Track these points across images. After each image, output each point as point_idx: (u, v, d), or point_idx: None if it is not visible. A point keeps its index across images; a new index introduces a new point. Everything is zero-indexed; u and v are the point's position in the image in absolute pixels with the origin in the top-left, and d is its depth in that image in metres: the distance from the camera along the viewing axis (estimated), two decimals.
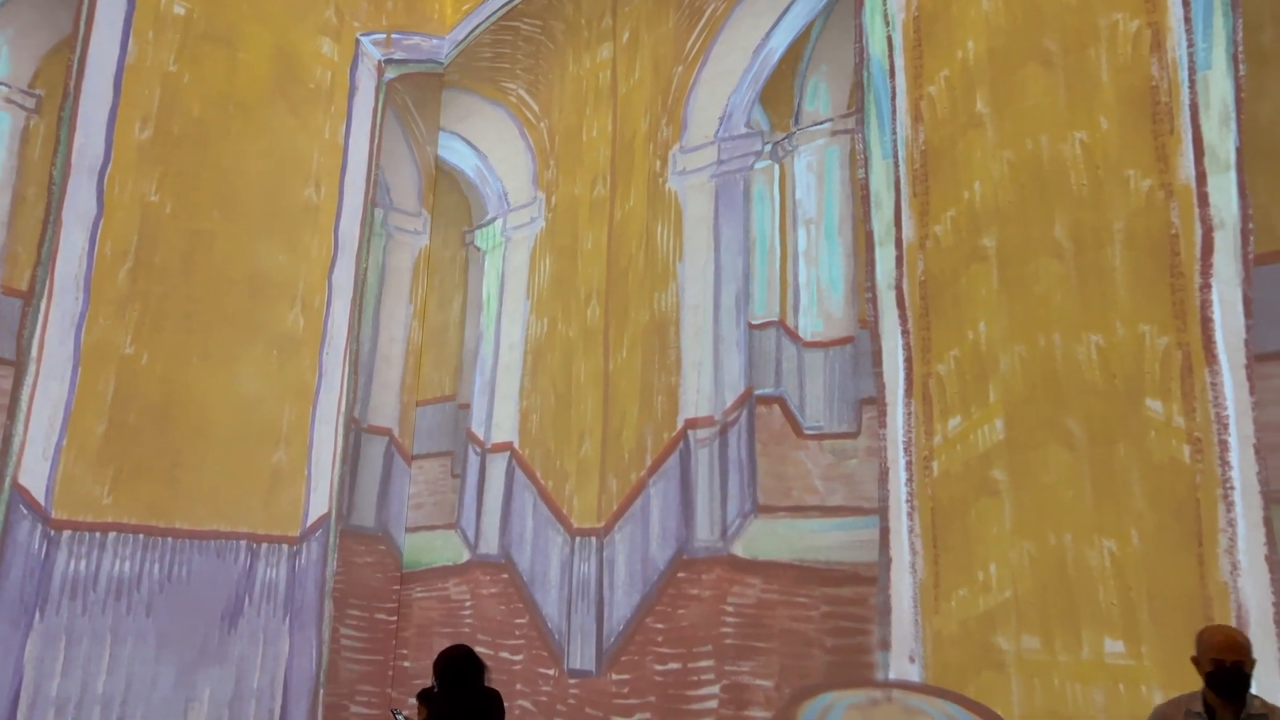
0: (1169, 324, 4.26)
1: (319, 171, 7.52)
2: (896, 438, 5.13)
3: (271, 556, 6.90)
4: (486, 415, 7.43)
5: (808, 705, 5.23)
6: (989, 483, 4.71)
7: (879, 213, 5.47)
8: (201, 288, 6.74)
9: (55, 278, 6.15)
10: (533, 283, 7.41)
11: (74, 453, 6.12)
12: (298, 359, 7.20)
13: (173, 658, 6.34)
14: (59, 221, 6.19)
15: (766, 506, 5.57)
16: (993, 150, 5.02)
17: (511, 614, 6.76)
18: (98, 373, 6.25)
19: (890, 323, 5.27)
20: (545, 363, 7.10)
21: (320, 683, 7.06)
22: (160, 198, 6.64)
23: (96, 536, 6.15)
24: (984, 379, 4.82)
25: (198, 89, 6.91)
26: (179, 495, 6.47)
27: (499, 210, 7.84)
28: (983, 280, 4.93)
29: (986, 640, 4.55)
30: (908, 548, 4.98)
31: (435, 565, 7.42)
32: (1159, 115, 4.48)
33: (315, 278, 7.39)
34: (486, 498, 7.24)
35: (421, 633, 7.29)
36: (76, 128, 6.37)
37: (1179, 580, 4.05)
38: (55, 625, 5.92)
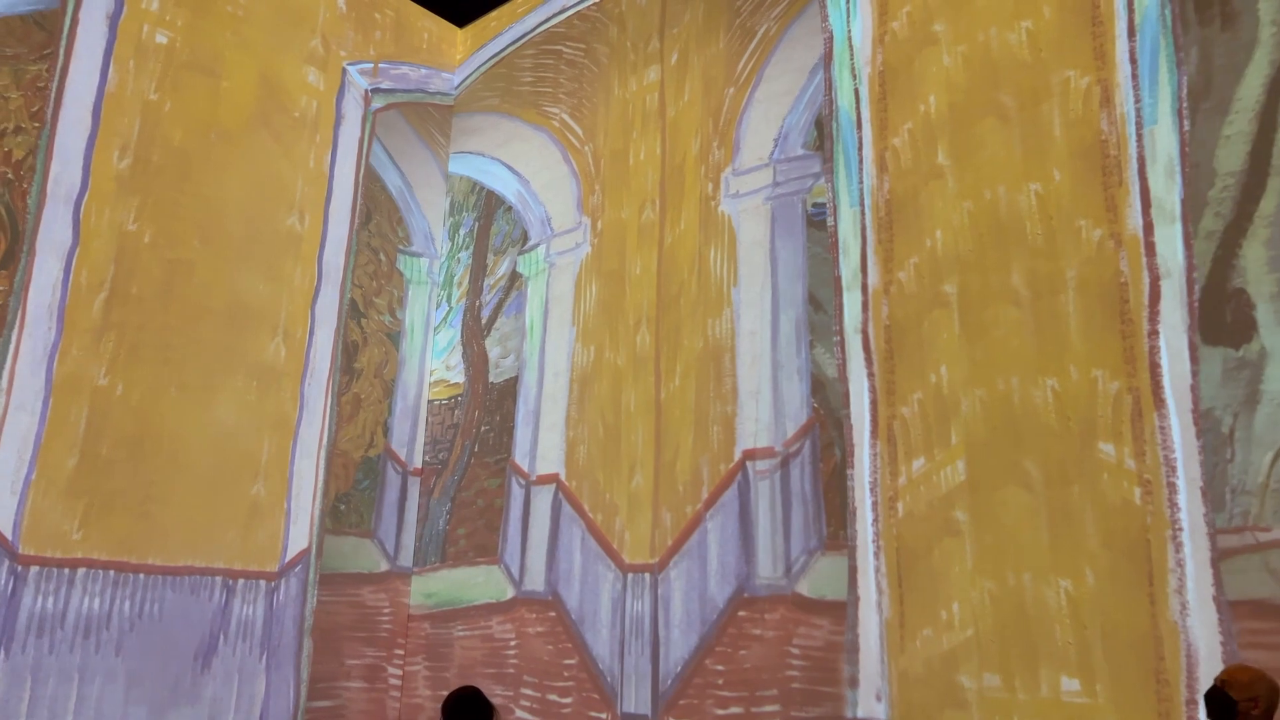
0: (1120, 369, 4.45)
1: (303, 200, 7.45)
2: (863, 478, 5.32)
3: (248, 593, 6.74)
4: (531, 446, 7.28)
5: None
6: (951, 523, 4.88)
7: (846, 259, 5.73)
8: (180, 317, 6.64)
9: (28, 307, 6.06)
10: (578, 309, 7.29)
11: (43, 486, 6.01)
12: (279, 390, 7.09)
13: (143, 697, 6.20)
14: (33, 251, 6.10)
15: (833, 543, 5.46)
16: (953, 200, 5.27)
17: (560, 654, 6.57)
18: (70, 404, 6.15)
19: (857, 366, 5.51)
20: (593, 391, 6.97)
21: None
22: (139, 226, 6.56)
23: (65, 573, 6.02)
24: (946, 421, 5.02)
25: (179, 117, 6.85)
26: (152, 530, 6.34)
27: (542, 236, 7.77)
28: (944, 325, 5.16)
29: (950, 678, 4.70)
30: (874, 586, 5.14)
31: (477, 603, 7.24)
32: (1109, 168, 4.72)
33: (298, 307, 7.29)
34: (531, 532, 7.08)
35: (464, 673, 7.10)
36: (53, 156, 6.30)
37: (1131, 619, 4.20)
38: (21, 664, 5.78)
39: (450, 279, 8.44)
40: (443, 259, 8.51)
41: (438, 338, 8.35)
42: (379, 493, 7.81)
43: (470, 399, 7.88)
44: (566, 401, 7.08)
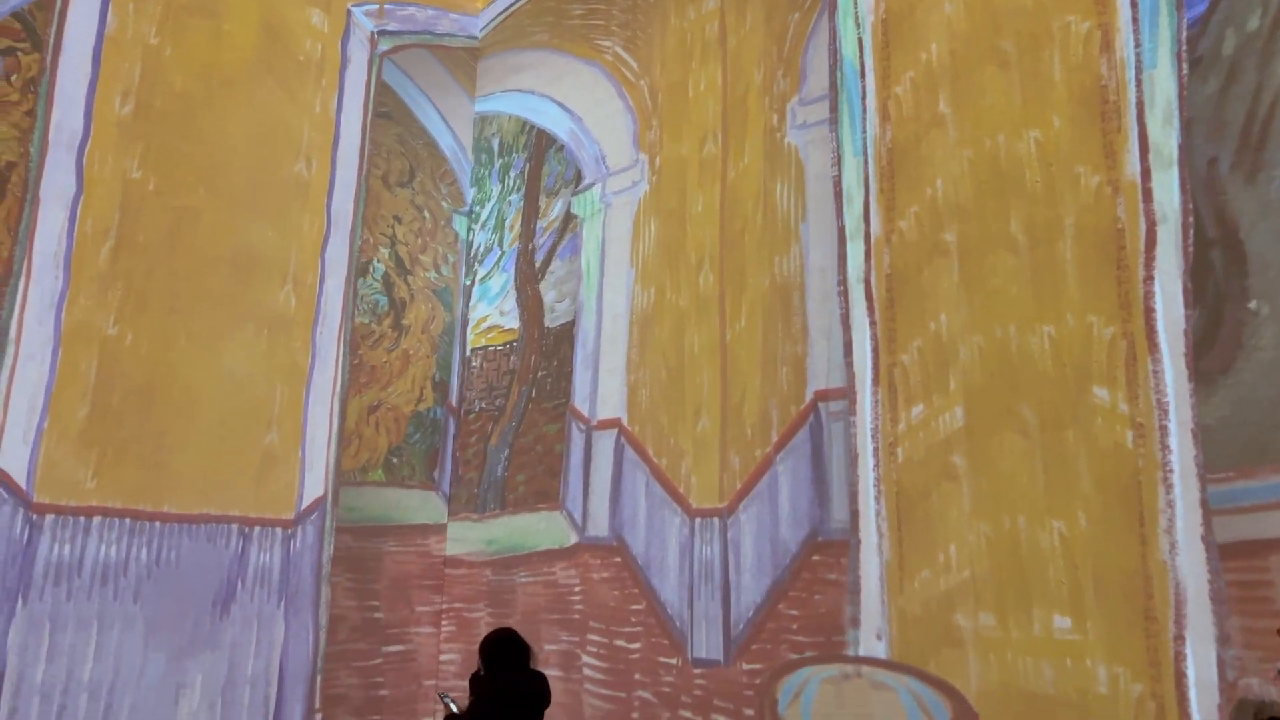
0: (1115, 315, 4.50)
1: (309, 147, 7.39)
2: (865, 425, 5.41)
3: (265, 540, 6.79)
4: (590, 390, 7.15)
5: (786, 680, 5.47)
6: (949, 468, 4.98)
7: (850, 208, 5.74)
8: (187, 266, 6.62)
9: (33, 257, 6.05)
10: (637, 250, 7.07)
11: (56, 435, 6.04)
12: (289, 339, 7.08)
13: (162, 644, 6.29)
14: (36, 199, 6.07)
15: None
16: (953, 148, 5.28)
17: (626, 599, 6.46)
18: (79, 354, 6.17)
19: (859, 314, 5.56)
20: (654, 334, 6.79)
21: (318, 669, 6.87)
22: (143, 174, 6.52)
23: (81, 521, 6.06)
24: (945, 368, 5.09)
25: (180, 62, 6.79)
26: (166, 478, 6.39)
27: (596, 175, 7.55)
28: (944, 274, 5.20)
29: (947, 618, 4.86)
30: (874, 530, 5.25)
31: (539, 549, 7.19)
32: (1108, 113, 4.72)
33: (307, 255, 7.26)
34: (593, 477, 6.96)
35: (528, 619, 7.07)
36: (54, 103, 6.24)
37: (1122, 559, 4.31)
38: (39, 611, 5.85)
39: (501, 222, 8.32)
40: (491, 202, 8.41)
41: (489, 283, 8.27)
42: (442, 444, 8.10)
43: (525, 344, 7.81)
44: (626, 345, 6.94)
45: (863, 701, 5.13)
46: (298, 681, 6.86)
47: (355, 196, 7.65)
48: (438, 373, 8.25)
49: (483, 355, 8.15)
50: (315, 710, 6.92)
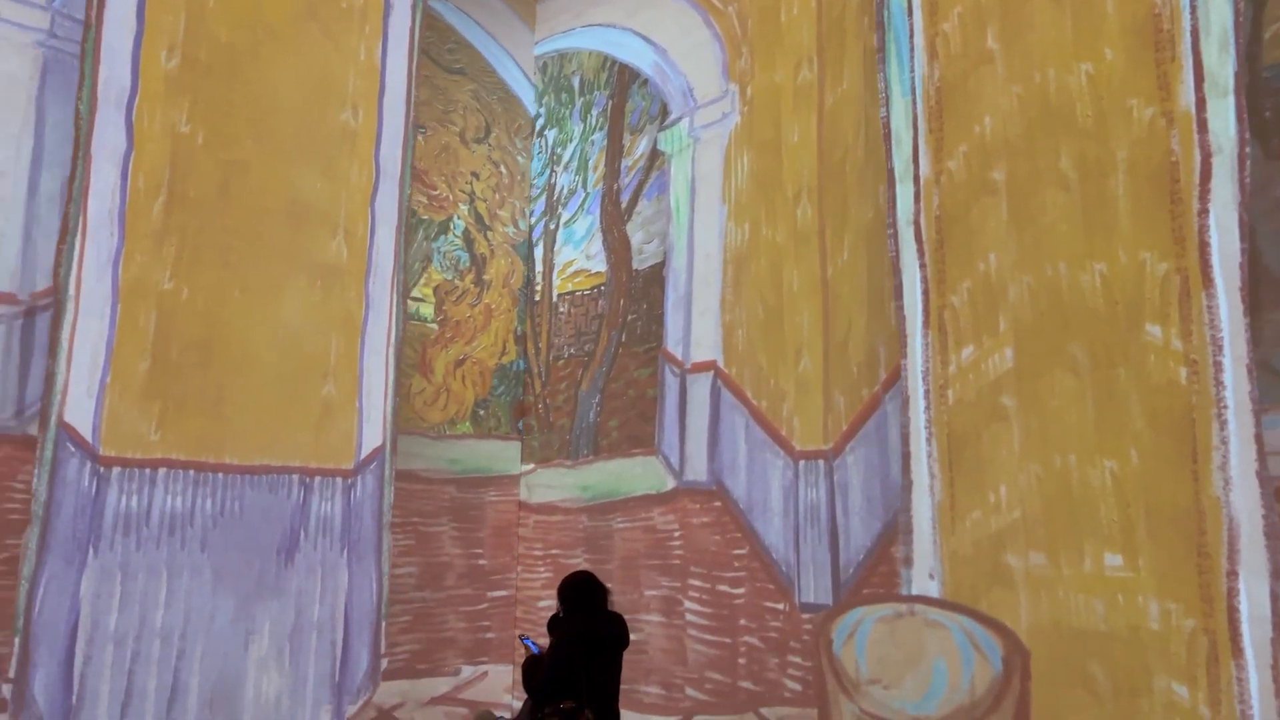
0: (1168, 250, 4.45)
1: (355, 95, 7.39)
2: (916, 367, 5.43)
3: (325, 490, 6.92)
4: (683, 332, 7.06)
5: (841, 620, 5.60)
6: (999, 409, 5.01)
7: (899, 150, 5.70)
8: (238, 219, 6.70)
9: (88, 214, 6.17)
10: (729, 185, 6.89)
11: (118, 390, 6.20)
12: (343, 290, 7.14)
13: (230, 591, 6.46)
14: (88, 156, 6.18)
15: None
16: (1002, 85, 5.24)
17: (728, 544, 6.40)
18: (137, 309, 6.30)
19: (909, 256, 5.55)
20: (749, 272, 6.62)
21: (382, 615, 7.01)
22: (191, 128, 6.58)
23: (146, 473, 6.23)
24: (994, 309, 5.09)
25: (224, 13, 6.83)
26: (227, 430, 6.53)
27: (684, 108, 7.38)
28: (992, 213, 5.18)
29: (997, 558, 4.93)
30: (926, 471, 5.30)
31: (635, 494, 7.18)
32: (1161, 43, 4.62)
33: (357, 206, 7.30)
34: (690, 421, 6.90)
35: (626, 565, 7.10)
36: (100, 59, 6.31)
37: (1174, 496, 4.30)
38: (110, 561, 6.05)
39: (584, 164, 8.24)
40: (574, 143, 8.32)
41: (574, 227, 8.22)
42: (529, 393, 8.33)
43: (614, 287, 7.75)
44: (721, 284, 6.81)
45: (916, 639, 5.18)
46: (363, 627, 7.04)
47: (403, 144, 7.65)
48: (519, 325, 8.47)
49: (569, 300, 8.13)
50: (381, 655, 7.10)
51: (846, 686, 5.47)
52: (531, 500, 8.04)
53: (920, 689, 5.11)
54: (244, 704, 6.45)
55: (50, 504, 5.92)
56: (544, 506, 7.92)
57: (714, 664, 6.28)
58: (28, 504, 5.84)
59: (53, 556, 5.89)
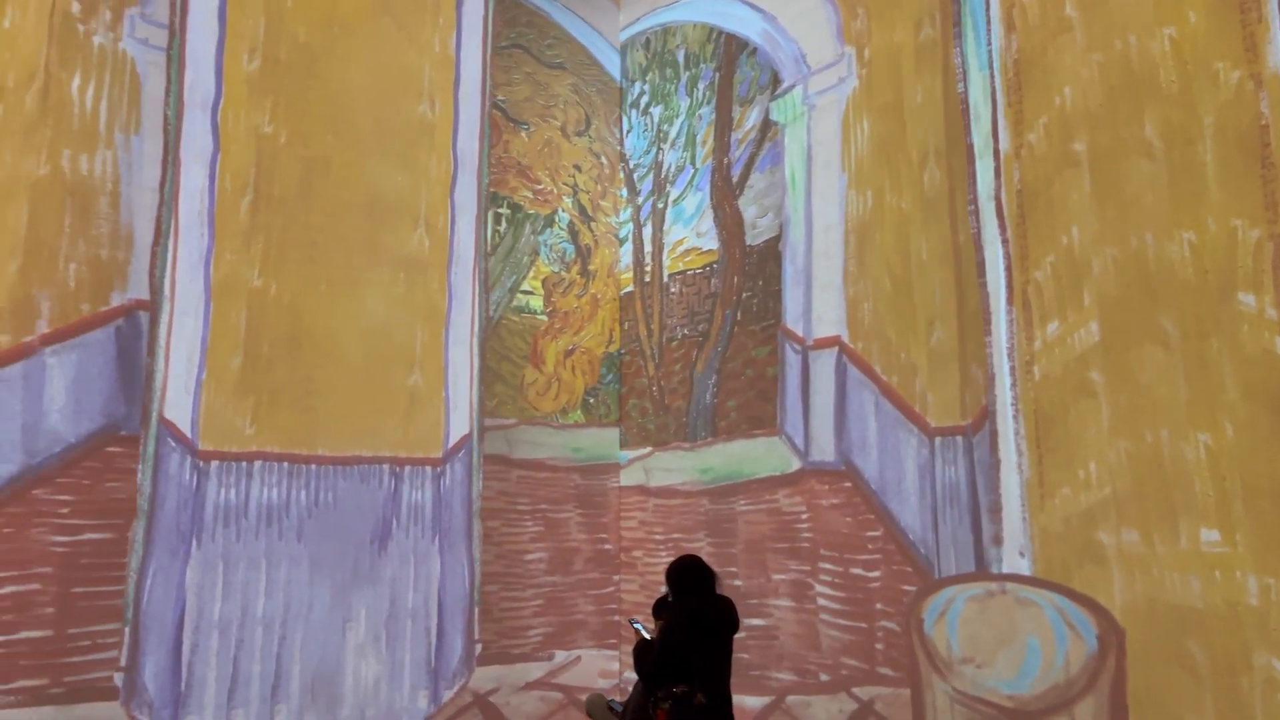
0: (1260, 216, 4.34)
1: (431, 87, 7.53)
2: (1000, 344, 5.40)
3: (415, 479, 7.09)
4: (804, 308, 6.88)
5: (932, 599, 5.58)
6: (1087, 384, 4.95)
7: (977, 125, 5.67)
8: (321, 215, 6.90)
9: (179, 215, 6.41)
10: (848, 152, 6.67)
11: (214, 385, 6.45)
12: (425, 281, 7.29)
13: (326, 580, 6.66)
14: (177, 160, 6.43)
15: None
16: (1082, 54, 5.16)
17: (860, 526, 6.24)
18: (229, 306, 6.53)
19: (991, 233, 5.52)
20: (873, 242, 6.39)
21: (474, 601, 7.17)
22: (274, 128, 6.79)
23: (243, 465, 6.46)
24: (1078, 283, 5.03)
25: (301, 13, 7.01)
26: (317, 422, 6.74)
27: (796, 76, 7.17)
28: (1074, 185, 5.11)
29: (1088, 535, 4.86)
30: (1014, 449, 5.27)
31: (759, 476, 7.06)
32: (1246, 4, 4.50)
33: (436, 197, 7.44)
34: (814, 399, 6.71)
35: (751, 548, 6.98)
36: (186, 65, 6.55)
37: (1272, 469, 4.20)
38: (212, 552, 6.30)
39: (692, 139, 8.15)
40: (680, 118, 8.26)
41: (683, 205, 8.16)
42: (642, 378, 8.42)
43: (727, 265, 7.62)
44: (843, 256, 6.59)
45: (1008, 618, 5.11)
46: (456, 614, 7.20)
47: (480, 134, 7.77)
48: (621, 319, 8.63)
49: (681, 280, 8.05)
50: (475, 641, 7.27)
51: (939, 666, 5.40)
52: (650, 484, 7.98)
53: (1013, 668, 5.04)
54: (344, 689, 6.68)
55: (154, 498, 6.21)
56: (664, 490, 7.85)
57: (850, 649, 6.12)
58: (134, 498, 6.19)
59: (158, 549, 6.18)
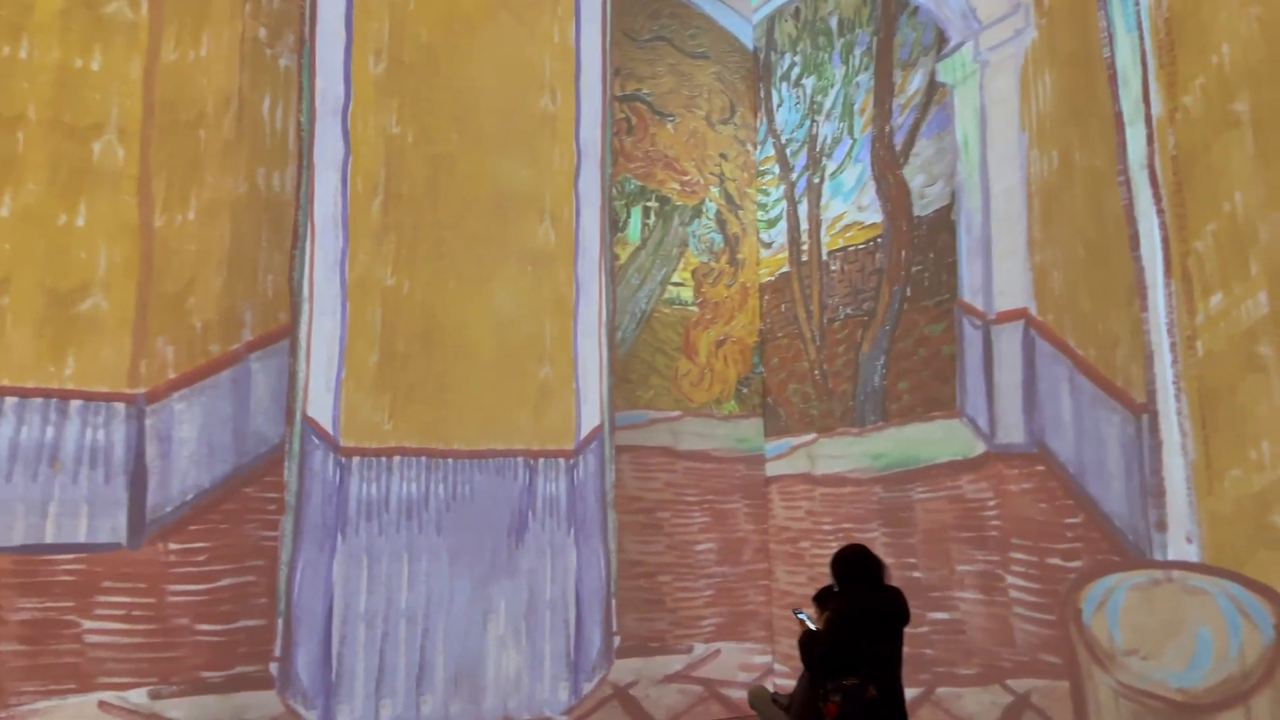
0: None
1: (552, 78, 7.60)
2: (1159, 320, 5.15)
3: (549, 471, 7.19)
4: (983, 280, 6.48)
5: (1091, 587, 5.30)
6: (1255, 359, 4.67)
7: (1126, 90, 5.41)
8: (448, 212, 7.06)
9: (315, 219, 6.62)
10: (1028, 109, 6.25)
11: (353, 383, 6.66)
12: (553, 273, 7.38)
13: (465, 572, 6.81)
14: (311, 165, 6.65)
15: None
16: (1239, 8, 4.85)
17: (1057, 512, 5.75)
18: (364, 305, 6.75)
19: (1145, 203, 5.26)
20: (1061, 206, 5.93)
21: (611, 593, 7.23)
22: (401, 128, 6.98)
23: (382, 461, 6.66)
24: (1243, 252, 4.74)
25: (423, 14, 7.18)
26: (451, 417, 6.90)
27: (966, 32, 6.79)
28: (1236, 148, 4.81)
29: (1262, 519, 4.54)
30: (1177, 429, 5.01)
31: (937, 461, 6.68)
32: None
33: (561, 189, 7.51)
34: (998, 377, 6.30)
35: (931, 538, 6.61)
36: (316, 72, 6.76)
37: None
38: (356, 546, 6.51)
39: (849, 108, 7.78)
40: (835, 88, 7.96)
41: (842, 178, 7.79)
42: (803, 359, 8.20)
43: (892, 238, 7.23)
44: (1026, 222, 6.14)
45: (1175, 607, 4.83)
46: (594, 606, 7.27)
47: (602, 123, 7.81)
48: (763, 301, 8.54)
49: (842, 257, 7.71)
50: (613, 633, 7.32)
51: (1100, 658, 5.13)
52: (816, 471, 7.72)
53: (1183, 659, 4.76)
54: (486, 681, 6.80)
55: (301, 493, 6.47)
56: (831, 478, 7.55)
57: (1048, 645, 5.70)
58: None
59: (306, 543, 6.43)
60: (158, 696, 5.93)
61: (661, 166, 8.23)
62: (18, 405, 5.78)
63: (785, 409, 8.14)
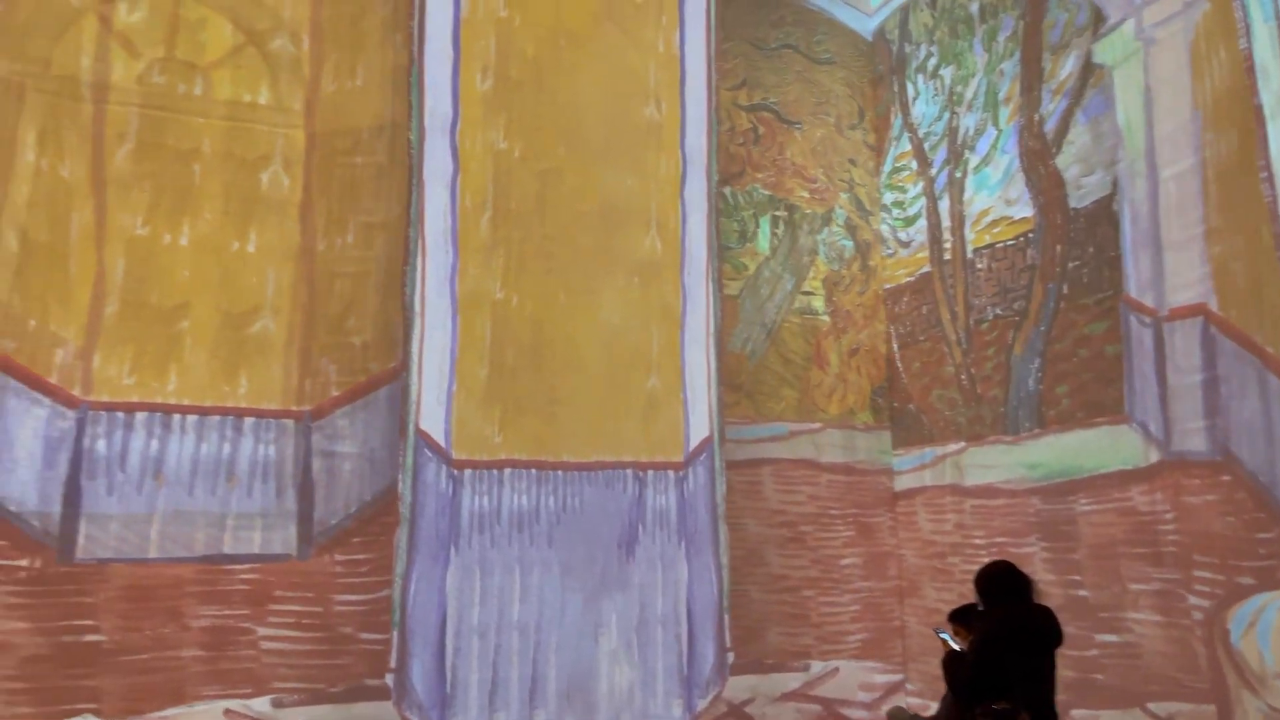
0: None
1: (657, 87, 7.61)
2: None
3: (659, 483, 7.17)
4: (1153, 274, 6.08)
5: (1237, 609, 5.01)
6: None
7: (1266, 83, 5.09)
8: (555, 226, 7.13)
9: (425, 235, 6.75)
10: (1201, 88, 5.80)
11: (463, 396, 6.77)
12: (659, 283, 7.39)
13: (577, 585, 6.82)
14: (421, 182, 6.79)
15: None
16: None
17: (1246, 526, 5.28)
18: (474, 320, 6.86)
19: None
20: (1244, 190, 5.42)
21: (724, 608, 7.17)
22: (508, 144, 7.08)
23: (493, 474, 6.74)
24: None
25: (529, 29, 7.28)
26: (561, 429, 6.94)
27: (1126, 9, 6.42)
28: None
29: None
30: None
31: (1104, 471, 6.27)
32: None
33: (666, 198, 7.51)
34: (1173, 379, 5.89)
35: (1098, 554, 6.19)
36: (425, 91, 6.90)
37: None
38: (469, 558, 6.59)
39: (992, 98, 7.47)
40: (976, 76, 7.68)
41: (986, 171, 7.47)
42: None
43: (1045, 233, 6.88)
44: (1203, 208, 5.69)
45: None
46: (706, 620, 7.19)
47: (707, 131, 7.78)
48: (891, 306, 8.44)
49: (989, 255, 7.36)
50: (726, 649, 7.24)
51: (1251, 681, 4.82)
52: (965, 482, 7.38)
53: None
54: (599, 695, 6.79)
55: (415, 506, 6.60)
56: (982, 489, 7.18)
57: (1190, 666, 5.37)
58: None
59: (420, 555, 6.54)
60: (280, 705, 6.11)
61: (790, 175, 8.22)
62: (197, 423, 6.18)
63: (929, 416, 7.81)
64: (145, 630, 5.90)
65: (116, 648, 5.83)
